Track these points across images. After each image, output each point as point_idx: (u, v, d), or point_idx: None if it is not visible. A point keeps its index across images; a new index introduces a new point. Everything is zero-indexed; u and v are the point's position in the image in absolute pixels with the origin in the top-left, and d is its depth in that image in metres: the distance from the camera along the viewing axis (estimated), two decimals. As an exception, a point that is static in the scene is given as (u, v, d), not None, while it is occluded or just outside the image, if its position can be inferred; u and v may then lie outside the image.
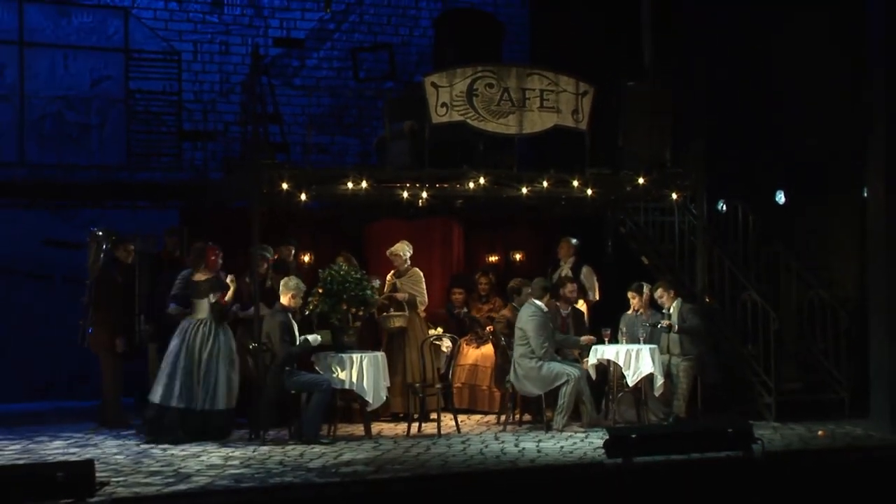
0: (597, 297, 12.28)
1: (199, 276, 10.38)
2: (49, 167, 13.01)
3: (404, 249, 11.57)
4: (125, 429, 10.78)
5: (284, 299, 10.27)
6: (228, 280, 10.40)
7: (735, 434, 9.07)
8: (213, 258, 10.40)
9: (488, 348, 11.82)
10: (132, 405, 11.91)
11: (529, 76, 11.12)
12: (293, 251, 11.87)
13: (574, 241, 12.33)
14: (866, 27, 10.89)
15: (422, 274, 11.65)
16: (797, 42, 12.76)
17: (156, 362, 11.43)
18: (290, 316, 10.23)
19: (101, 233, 11.99)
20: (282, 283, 10.40)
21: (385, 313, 11.40)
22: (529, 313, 10.80)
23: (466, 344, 11.92)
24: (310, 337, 10.28)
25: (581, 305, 11.86)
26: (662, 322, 11.04)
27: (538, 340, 10.69)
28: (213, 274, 10.38)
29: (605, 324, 11.09)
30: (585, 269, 12.25)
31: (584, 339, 11.06)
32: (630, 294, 11.37)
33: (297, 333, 10.24)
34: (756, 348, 11.42)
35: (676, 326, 10.93)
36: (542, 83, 11.12)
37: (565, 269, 12.18)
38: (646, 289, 11.39)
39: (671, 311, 11.09)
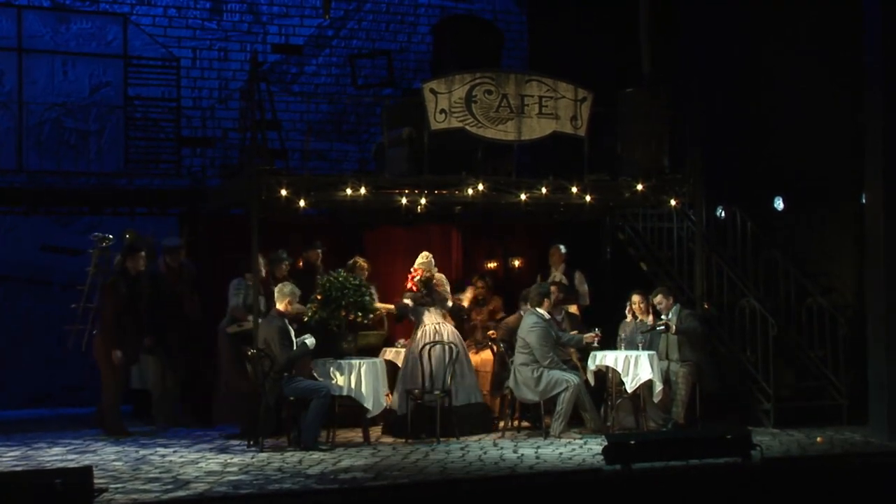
0: (587, 302, 12.31)
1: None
2: (47, 174, 13.02)
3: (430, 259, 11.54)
4: (123, 437, 10.76)
5: (280, 305, 10.27)
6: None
7: (734, 440, 9.07)
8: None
9: (487, 354, 11.80)
10: (131, 413, 11.93)
11: (528, 83, 11.13)
12: (320, 255, 11.86)
13: (563, 247, 12.36)
14: (864, 32, 10.89)
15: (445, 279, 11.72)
16: (796, 48, 12.76)
17: (158, 374, 11.40)
18: (287, 322, 10.23)
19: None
20: (276, 289, 10.40)
21: None
22: (531, 323, 10.79)
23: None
24: (307, 340, 10.26)
25: (574, 310, 11.90)
26: (659, 322, 11.02)
27: (542, 351, 10.68)
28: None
29: (603, 330, 11.07)
30: (578, 275, 12.31)
31: (588, 336, 10.96)
32: (636, 298, 11.30)
33: (294, 339, 10.23)
34: (754, 355, 11.40)
35: (674, 328, 10.92)
36: (541, 90, 11.13)
37: (558, 275, 12.20)
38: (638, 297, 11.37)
39: (670, 316, 11.08)
